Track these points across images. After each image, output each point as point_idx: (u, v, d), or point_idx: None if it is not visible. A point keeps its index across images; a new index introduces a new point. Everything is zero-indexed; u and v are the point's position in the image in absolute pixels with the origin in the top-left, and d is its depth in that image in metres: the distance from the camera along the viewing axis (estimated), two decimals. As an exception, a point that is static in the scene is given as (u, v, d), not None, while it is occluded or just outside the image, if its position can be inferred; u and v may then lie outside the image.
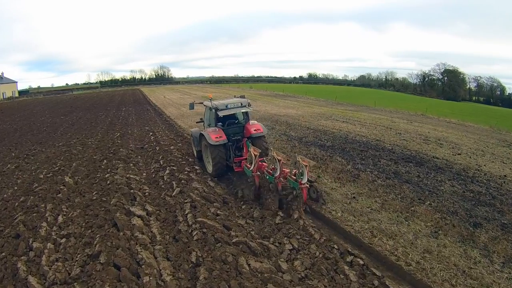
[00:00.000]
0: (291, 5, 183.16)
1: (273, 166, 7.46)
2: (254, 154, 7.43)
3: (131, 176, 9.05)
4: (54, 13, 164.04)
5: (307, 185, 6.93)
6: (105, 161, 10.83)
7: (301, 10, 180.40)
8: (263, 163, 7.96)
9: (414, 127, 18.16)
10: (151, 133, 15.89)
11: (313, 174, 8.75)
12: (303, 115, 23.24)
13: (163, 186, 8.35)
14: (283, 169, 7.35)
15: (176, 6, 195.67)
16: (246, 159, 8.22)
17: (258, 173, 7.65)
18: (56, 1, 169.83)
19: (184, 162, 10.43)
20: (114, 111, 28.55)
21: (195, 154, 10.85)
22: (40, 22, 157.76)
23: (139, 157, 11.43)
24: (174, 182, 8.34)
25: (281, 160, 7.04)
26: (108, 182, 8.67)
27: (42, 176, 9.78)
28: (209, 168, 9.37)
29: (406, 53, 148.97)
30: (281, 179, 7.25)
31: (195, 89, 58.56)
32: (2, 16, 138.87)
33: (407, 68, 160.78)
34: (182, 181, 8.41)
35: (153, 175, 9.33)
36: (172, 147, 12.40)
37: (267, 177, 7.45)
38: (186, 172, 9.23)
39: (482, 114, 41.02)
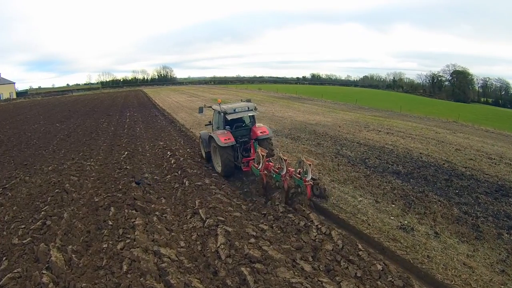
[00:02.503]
0: (293, 5, 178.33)
1: (279, 165, 7.68)
2: (262, 155, 7.73)
3: (161, 249, 5.16)
4: (55, 13, 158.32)
5: (311, 183, 7.13)
6: (112, 209, 6.91)
7: (302, 10, 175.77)
8: (270, 163, 8.14)
9: (464, 140, 15.63)
10: (168, 152, 11.96)
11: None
12: (338, 123, 19.71)
13: (228, 280, 4.46)
14: (289, 168, 7.50)
15: (179, 6, 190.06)
16: (253, 159, 8.44)
17: (266, 172, 7.89)
18: (57, 1, 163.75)
19: (238, 212, 6.57)
20: (118, 117, 24.54)
21: (204, 155, 10.91)
22: (41, 22, 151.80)
23: (163, 200, 7.49)
24: (244, 269, 4.51)
25: (286, 160, 7.36)
26: (124, 265, 4.79)
27: (16, 241, 5.90)
28: (218, 168, 9.61)
29: (408, 54, 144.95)
30: (287, 177, 7.43)
31: (201, 90, 54.45)
32: (3, 16, 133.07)
33: (409, 68, 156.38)
34: (257, 266, 4.58)
35: (199, 246, 5.42)
36: (207, 181, 8.51)
37: (274, 175, 7.69)
38: (253, 238, 5.40)
39: (506, 119, 37.99)
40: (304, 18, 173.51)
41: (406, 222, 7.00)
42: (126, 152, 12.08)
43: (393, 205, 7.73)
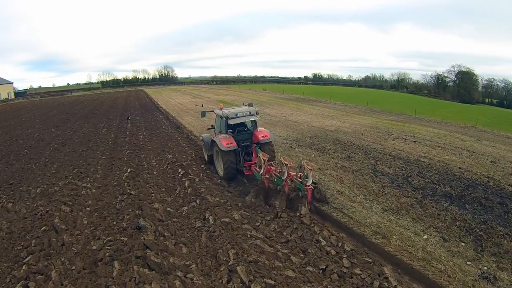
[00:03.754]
0: (295, 4, 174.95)
1: (280, 170, 7.67)
2: (263, 159, 7.78)
3: None
4: (56, 12, 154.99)
5: (312, 187, 7.22)
6: (116, 264, 5.00)
7: (304, 10, 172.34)
8: (271, 167, 8.08)
9: (492, 149, 14.32)
10: (180, 170, 9.99)
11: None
12: (358, 130, 17.94)
13: None
14: (290, 172, 7.53)
15: (181, 6, 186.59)
16: (255, 163, 8.48)
17: (267, 176, 7.85)
18: (58, 1, 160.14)
19: (290, 270, 4.66)
20: (118, 121, 22.55)
21: (206, 158, 10.97)
22: (42, 21, 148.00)
23: (184, 248, 5.50)
24: None
25: (287, 164, 7.41)
26: None
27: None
28: (220, 172, 9.59)
29: (409, 53, 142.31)
30: (288, 181, 7.50)
31: (204, 90, 52.38)
32: (4, 15, 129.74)
33: (410, 68, 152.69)
34: None
35: None
36: (236, 215, 6.58)
37: (275, 179, 7.72)
38: None
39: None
40: (306, 17, 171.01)
41: (485, 268, 6.01)
42: (129, 169, 10.13)
43: (463, 244, 6.53)
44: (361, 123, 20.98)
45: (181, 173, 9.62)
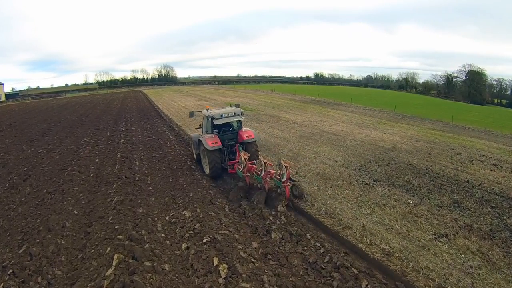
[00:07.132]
0: (298, 4, 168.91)
1: (260, 168, 7.77)
2: (244, 158, 7.98)
3: None
4: (56, 12, 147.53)
5: (289, 183, 7.29)
6: None
7: (306, 10, 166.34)
8: (253, 166, 8.27)
9: None
10: (216, 261, 4.88)
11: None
12: (420, 147, 13.89)
13: None
14: (269, 171, 7.61)
15: (184, 6, 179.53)
16: (238, 162, 8.61)
17: (248, 174, 8.10)
18: (59, 1, 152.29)
19: None
20: (109, 134, 17.39)
21: (195, 157, 11.06)
22: (43, 21, 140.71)
23: None
24: None
25: (266, 162, 7.50)
26: None
27: None
28: (206, 170, 9.62)
29: (410, 53, 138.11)
30: (268, 179, 7.61)
31: (208, 91, 47.09)
32: (5, 15, 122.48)
33: (411, 67, 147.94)
34: None
35: None
36: None
37: (256, 177, 7.90)
38: None
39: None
40: (308, 17, 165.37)
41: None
42: (115, 255, 5.17)
43: None
44: (409, 135, 16.44)
45: (222, 268, 4.64)
